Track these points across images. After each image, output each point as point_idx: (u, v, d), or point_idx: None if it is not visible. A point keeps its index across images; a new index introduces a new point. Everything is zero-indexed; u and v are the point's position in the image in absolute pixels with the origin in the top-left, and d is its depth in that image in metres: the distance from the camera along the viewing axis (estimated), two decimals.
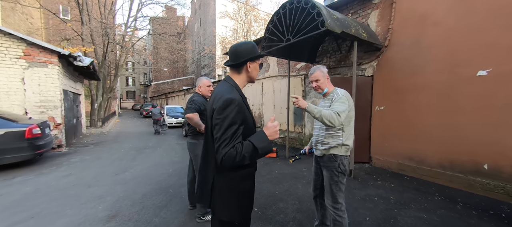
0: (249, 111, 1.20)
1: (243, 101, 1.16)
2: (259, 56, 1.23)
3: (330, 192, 1.80)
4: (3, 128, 3.97)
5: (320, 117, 1.59)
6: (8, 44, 5.16)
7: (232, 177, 1.14)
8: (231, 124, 1.06)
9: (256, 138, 1.08)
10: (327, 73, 1.87)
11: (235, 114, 1.07)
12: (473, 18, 3.18)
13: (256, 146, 1.04)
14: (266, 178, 3.88)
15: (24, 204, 2.86)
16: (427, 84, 3.67)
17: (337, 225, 1.78)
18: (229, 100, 1.07)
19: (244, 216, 1.21)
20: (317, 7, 3.22)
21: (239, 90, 1.20)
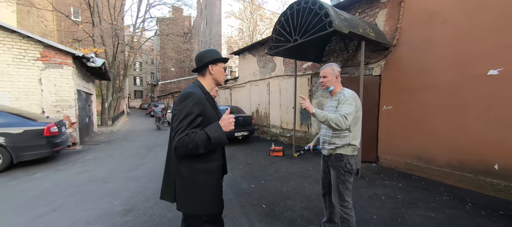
0: (213, 109, 1.28)
1: (206, 99, 1.23)
2: (219, 60, 1.30)
3: (337, 191, 1.84)
4: (23, 126, 4.18)
5: (326, 121, 1.64)
6: (27, 47, 5.42)
7: (193, 170, 1.18)
8: (187, 113, 1.12)
9: (211, 128, 1.13)
10: (339, 72, 1.90)
11: (192, 105, 1.14)
12: (483, 17, 3.14)
13: (210, 135, 1.09)
14: (273, 176, 3.95)
15: (46, 198, 3.04)
16: (436, 84, 3.64)
17: (344, 223, 1.82)
18: (187, 93, 1.15)
19: (208, 210, 1.23)
20: (324, 8, 3.25)
21: (203, 90, 1.28)
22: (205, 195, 1.21)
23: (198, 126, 1.15)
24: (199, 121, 1.16)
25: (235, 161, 4.95)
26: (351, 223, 1.80)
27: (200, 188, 1.19)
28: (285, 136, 7.33)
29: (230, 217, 2.52)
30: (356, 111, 1.77)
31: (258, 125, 8.72)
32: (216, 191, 1.27)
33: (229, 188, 3.39)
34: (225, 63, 1.36)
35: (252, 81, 9.09)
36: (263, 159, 5.13)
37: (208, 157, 1.21)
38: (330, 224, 2.13)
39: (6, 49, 5.21)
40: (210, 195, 1.23)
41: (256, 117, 8.84)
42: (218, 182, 1.29)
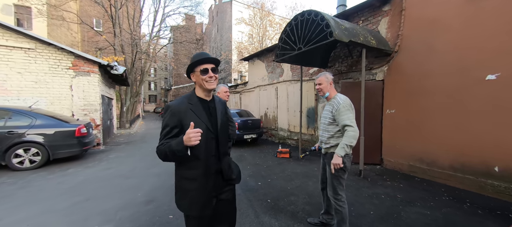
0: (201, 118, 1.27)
1: (189, 109, 1.26)
2: (199, 62, 1.27)
3: (332, 185, 2.09)
4: (59, 128, 4.76)
5: (349, 147, 1.90)
6: (61, 57, 6.12)
7: (177, 174, 1.32)
8: (164, 126, 1.25)
9: (175, 141, 1.17)
10: (332, 80, 2.18)
11: (168, 118, 1.24)
12: (481, 24, 3.27)
13: (173, 148, 1.15)
14: (279, 175, 4.21)
15: (79, 189, 3.50)
16: (437, 88, 3.77)
17: (338, 213, 2.07)
18: (166, 106, 1.30)
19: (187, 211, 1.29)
20: (326, 19, 3.53)
21: (191, 100, 1.30)
22: (185, 198, 1.28)
23: (174, 135, 1.23)
24: (175, 131, 1.23)
25: (244, 162, 5.26)
26: (344, 214, 2.04)
27: (181, 191, 1.30)
28: (293, 138, 7.54)
29: (238, 210, 2.81)
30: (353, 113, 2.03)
31: (266, 128, 9.00)
32: (196, 195, 1.27)
33: (238, 185, 3.69)
34: (202, 65, 1.27)
35: (261, 86, 9.43)
36: (270, 160, 5.40)
37: (189, 166, 1.27)
38: (327, 216, 2.38)
39: (44, 60, 5.93)
40: (189, 199, 1.27)
41: (264, 120, 9.14)
42: (199, 188, 1.27)
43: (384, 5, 4.54)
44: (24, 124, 4.41)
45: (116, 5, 11.90)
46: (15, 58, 5.63)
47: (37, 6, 10.62)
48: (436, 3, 3.78)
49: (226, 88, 3.01)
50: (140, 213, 2.71)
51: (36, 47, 5.82)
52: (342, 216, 2.05)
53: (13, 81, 5.63)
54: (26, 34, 5.69)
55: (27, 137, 4.37)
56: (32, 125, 4.47)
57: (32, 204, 2.94)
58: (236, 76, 26.35)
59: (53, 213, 2.70)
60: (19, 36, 5.64)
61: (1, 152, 4.16)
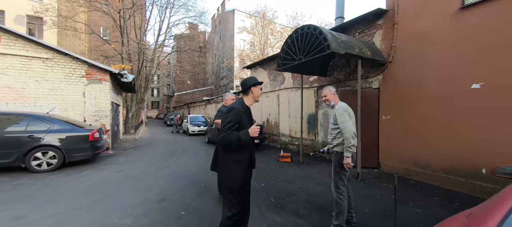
0: (247, 119, 1.85)
1: (243, 112, 1.81)
2: (257, 83, 1.93)
3: (334, 180, 2.43)
4: (74, 132, 5.07)
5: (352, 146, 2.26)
6: (75, 66, 6.51)
7: (226, 158, 1.79)
8: (229, 121, 1.75)
9: (242, 132, 1.72)
10: (335, 91, 2.57)
11: (233, 116, 1.76)
12: (466, 38, 3.58)
13: (240, 136, 1.69)
14: (281, 178, 4.45)
15: (96, 189, 3.77)
16: (428, 96, 4.05)
17: (337, 205, 2.36)
18: (231, 108, 1.81)
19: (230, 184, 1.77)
20: (323, 33, 3.86)
21: (243, 105, 1.89)
22: (231, 175, 1.79)
23: (235, 129, 1.74)
24: (236, 126, 1.76)
25: None
26: (342, 207, 2.31)
27: (229, 170, 1.80)
28: (294, 144, 7.79)
29: None
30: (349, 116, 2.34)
31: (268, 133, 9.26)
32: (239, 174, 1.79)
33: None
34: (261, 85, 2.00)
35: (263, 93, 9.76)
36: (272, 164, 5.64)
37: (238, 153, 1.79)
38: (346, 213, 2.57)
39: (60, 69, 6.32)
40: (234, 176, 1.78)
41: (267, 126, 9.41)
42: (243, 170, 1.81)
43: (378, 19, 4.89)
44: (43, 129, 4.73)
45: (125, 16, 12.45)
46: (34, 67, 6.02)
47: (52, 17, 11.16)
48: (425, 18, 4.12)
49: (233, 96, 3.33)
50: (154, 210, 2.97)
51: (53, 57, 6.22)
52: (341, 209, 2.32)
53: (31, 89, 6.00)
54: (45, 45, 6.11)
55: (46, 141, 4.67)
56: (50, 130, 4.78)
57: (54, 203, 3.20)
58: (238, 83, 26.83)
59: (75, 210, 2.96)
60: (39, 47, 6.05)
61: (22, 155, 4.46)
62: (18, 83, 5.85)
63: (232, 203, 1.79)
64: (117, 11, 12.03)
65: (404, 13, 4.45)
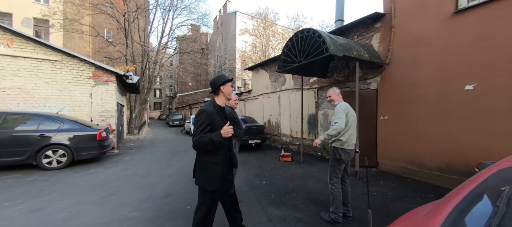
0: (222, 119, 1.85)
1: (215, 113, 1.80)
2: (226, 81, 1.89)
3: (329, 172, 2.67)
4: (82, 131, 5.27)
5: (330, 137, 2.46)
6: (83, 68, 6.74)
7: (202, 160, 1.79)
8: (200, 124, 1.74)
9: (214, 134, 1.71)
10: (339, 92, 2.77)
11: (204, 119, 1.74)
12: (459, 41, 3.72)
13: (213, 138, 1.68)
14: (281, 176, 4.61)
15: (104, 186, 3.95)
16: (424, 96, 4.19)
17: (331, 194, 2.59)
18: (201, 110, 1.78)
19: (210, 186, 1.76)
20: (322, 36, 4.03)
21: (214, 105, 1.86)
22: (209, 177, 1.78)
23: (208, 131, 1.73)
24: (209, 128, 1.75)
25: (249, 164, 5.66)
26: (335, 196, 2.51)
27: (206, 172, 1.79)
28: (295, 144, 7.93)
29: (245, 203, 3.22)
30: (346, 116, 2.51)
31: (269, 134, 9.42)
32: (217, 175, 1.78)
33: (245, 183, 4.11)
34: (231, 82, 1.95)
35: (264, 94, 9.93)
36: (273, 163, 5.80)
37: (214, 154, 1.78)
38: (344, 207, 2.70)
39: (68, 71, 6.55)
40: (212, 178, 1.78)
41: (268, 127, 9.56)
42: (221, 171, 1.80)
43: (376, 23, 5.04)
44: (53, 128, 4.93)
45: (129, 19, 12.72)
46: (44, 69, 6.25)
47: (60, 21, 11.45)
48: (420, 21, 4.27)
49: (236, 97, 3.49)
50: (161, 205, 3.14)
51: (62, 59, 6.45)
52: (334, 197, 2.57)
53: (41, 90, 6.22)
54: (54, 48, 6.34)
55: (56, 139, 4.87)
56: (60, 129, 4.99)
57: (67, 197, 3.39)
58: (240, 84, 27.03)
59: (87, 204, 3.14)
60: (48, 49, 6.28)
61: (34, 153, 4.67)
62: (29, 85, 6.09)
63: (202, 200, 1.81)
64: (122, 14, 12.28)
65: (401, 17, 4.60)
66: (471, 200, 0.93)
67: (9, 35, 5.87)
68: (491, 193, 0.92)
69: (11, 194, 3.47)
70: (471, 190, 1.00)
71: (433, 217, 0.92)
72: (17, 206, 3.02)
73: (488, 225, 0.77)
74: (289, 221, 2.67)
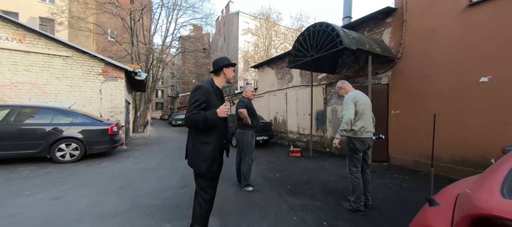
0: (218, 99, 1.75)
1: (213, 92, 1.71)
2: (230, 65, 1.81)
3: (347, 162, 2.66)
4: (95, 126, 5.31)
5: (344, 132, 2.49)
6: (93, 64, 6.79)
7: (195, 140, 1.70)
8: (195, 100, 1.63)
9: (209, 112, 1.61)
10: (346, 82, 2.81)
11: (200, 95, 1.64)
12: (473, 34, 3.74)
13: (207, 116, 1.58)
14: (293, 170, 4.62)
15: (119, 177, 3.97)
16: (437, 90, 4.19)
17: (351, 184, 2.58)
18: (197, 86, 1.69)
19: (202, 169, 1.66)
20: (336, 30, 4.05)
21: (212, 85, 1.77)
22: (201, 157, 1.68)
23: (203, 109, 1.62)
24: (204, 106, 1.63)
25: (259, 159, 5.67)
26: (355, 185, 2.51)
27: (199, 152, 1.68)
28: (302, 141, 7.94)
29: (262, 193, 3.23)
30: (355, 106, 2.51)
31: (276, 131, 9.43)
32: (210, 156, 1.68)
33: (258, 176, 4.12)
34: (234, 67, 1.87)
35: (270, 91, 9.95)
36: (283, 159, 5.81)
37: (206, 134, 1.68)
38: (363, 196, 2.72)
39: (79, 67, 6.60)
40: (205, 159, 1.67)
41: (274, 124, 9.58)
42: (213, 150, 1.69)
43: (387, 17, 5.06)
44: (66, 122, 4.97)
45: (135, 18, 12.81)
46: (55, 65, 6.30)
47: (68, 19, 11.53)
48: (433, 16, 4.28)
49: (252, 89, 3.55)
50: (179, 194, 3.16)
51: (73, 55, 6.50)
52: (354, 187, 2.56)
53: (52, 85, 6.27)
54: (65, 43, 6.40)
55: (69, 133, 4.91)
56: (73, 123, 5.03)
57: (84, 187, 3.41)
58: (242, 84, 27.07)
59: (106, 193, 3.17)
60: (59, 45, 6.34)
61: (47, 146, 4.70)
62: (40, 80, 6.14)
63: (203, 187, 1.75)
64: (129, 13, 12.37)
65: (413, 11, 4.62)
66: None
67: (21, 31, 5.93)
68: None
69: (29, 184, 3.50)
70: None
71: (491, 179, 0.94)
72: (38, 195, 3.05)
73: None
74: (309, 208, 2.68)
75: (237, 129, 3.51)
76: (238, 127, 3.49)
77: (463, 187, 1.10)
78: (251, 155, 3.36)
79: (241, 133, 3.42)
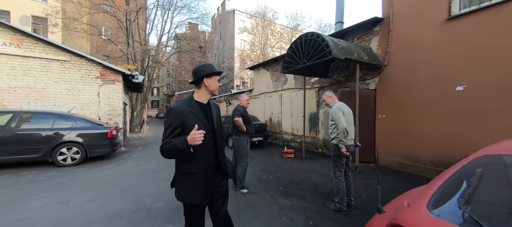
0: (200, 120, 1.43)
1: (189, 111, 1.41)
2: (212, 74, 1.46)
3: (332, 167, 2.95)
4: (94, 130, 5.47)
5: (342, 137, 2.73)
6: (91, 68, 6.90)
7: (178, 170, 1.46)
8: (168, 126, 1.38)
9: (179, 140, 1.31)
10: (332, 94, 3.07)
11: (172, 119, 1.38)
12: (451, 45, 4.05)
13: (177, 146, 1.29)
14: (287, 171, 4.91)
15: (121, 180, 4.18)
16: (419, 96, 4.52)
17: (336, 186, 2.87)
18: (169, 109, 1.42)
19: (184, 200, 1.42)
20: (326, 40, 4.31)
21: (189, 103, 1.45)
22: (183, 189, 1.43)
23: (177, 135, 1.36)
24: (178, 131, 1.37)
25: (254, 161, 5.94)
26: (339, 187, 2.80)
27: (183, 184, 1.44)
28: (296, 141, 8.25)
29: (257, 194, 3.50)
30: (343, 115, 2.80)
31: (271, 132, 9.71)
32: (196, 187, 1.42)
33: (253, 178, 4.39)
34: (218, 75, 1.50)
35: (266, 93, 10.20)
36: (277, 159, 6.10)
37: (189, 161, 1.40)
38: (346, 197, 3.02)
39: (76, 70, 6.70)
40: (187, 191, 1.42)
41: (269, 125, 9.85)
42: (199, 181, 1.42)
43: (375, 26, 5.35)
44: (67, 126, 5.13)
45: (130, 18, 12.80)
46: (53, 69, 6.39)
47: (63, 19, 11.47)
48: (417, 27, 4.58)
49: (248, 98, 3.78)
50: None
51: (70, 59, 6.60)
52: (338, 189, 2.86)
53: (50, 89, 6.38)
54: (63, 48, 6.48)
55: (70, 137, 5.07)
56: (73, 127, 5.18)
57: (88, 191, 3.62)
58: (239, 83, 27.22)
59: (110, 196, 3.39)
60: (57, 49, 6.42)
61: (49, 150, 4.86)
62: (38, 84, 6.23)
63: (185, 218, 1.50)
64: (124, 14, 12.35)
65: (398, 21, 4.91)
66: (452, 180, 1.23)
67: (19, 36, 6.00)
68: (467, 174, 1.22)
69: (34, 188, 3.68)
70: (453, 173, 1.30)
71: (426, 192, 1.22)
72: (45, 199, 3.24)
73: (463, 193, 1.07)
74: (298, 209, 2.97)
75: (233, 135, 3.76)
76: (234, 133, 3.74)
77: (408, 198, 1.37)
78: (246, 159, 3.62)
79: (236, 139, 3.67)
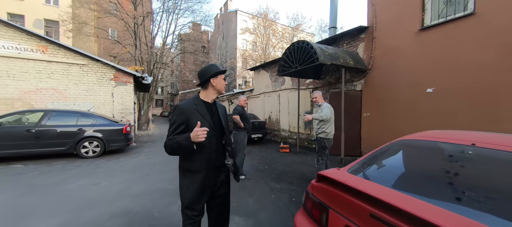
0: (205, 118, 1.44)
1: (194, 109, 1.43)
2: (218, 73, 1.50)
3: (316, 157, 3.63)
4: (111, 126, 6.19)
5: (318, 119, 3.41)
6: (105, 71, 7.63)
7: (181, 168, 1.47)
8: (173, 123, 1.40)
9: (182, 137, 1.33)
10: (322, 94, 3.69)
11: (177, 116, 1.40)
12: (424, 53, 4.63)
13: (180, 142, 1.31)
14: (281, 163, 5.56)
15: (137, 169, 4.89)
16: (398, 97, 5.11)
17: (317, 171, 3.45)
18: (175, 106, 1.44)
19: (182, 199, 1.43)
20: (314, 48, 4.92)
21: (195, 101, 1.48)
22: (187, 189, 1.43)
23: (182, 131, 1.38)
24: (182, 128, 1.38)
25: (253, 154, 6.61)
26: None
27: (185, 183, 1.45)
28: (293, 138, 8.88)
29: (252, 180, 4.16)
30: (330, 113, 3.45)
31: (270, 129, 10.36)
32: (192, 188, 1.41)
33: (250, 168, 5.04)
34: (224, 74, 1.54)
35: (265, 93, 10.84)
36: (274, 154, 6.75)
37: (190, 159, 1.41)
38: None
39: (93, 73, 7.44)
40: (185, 190, 1.43)
41: (268, 123, 10.50)
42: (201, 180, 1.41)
43: (361, 34, 5.93)
44: (89, 123, 5.86)
45: (138, 22, 13.54)
46: (73, 72, 7.14)
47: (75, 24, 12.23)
48: (396, 35, 5.16)
49: (245, 98, 4.44)
50: None
51: (88, 63, 7.34)
52: None
53: (71, 90, 7.13)
54: (82, 53, 7.22)
55: (91, 133, 5.80)
56: (94, 124, 5.91)
57: (112, 176, 4.33)
58: (241, 82, 27.88)
59: (131, 181, 4.09)
60: (77, 55, 7.16)
61: (74, 144, 5.60)
62: (61, 86, 6.99)
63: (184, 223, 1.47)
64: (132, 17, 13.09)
65: (381, 29, 5.49)
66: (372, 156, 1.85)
67: (44, 43, 6.75)
68: (383, 152, 1.84)
69: (67, 174, 4.41)
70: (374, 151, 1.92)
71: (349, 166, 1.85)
72: (79, 181, 3.96)
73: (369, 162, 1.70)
74: (285, 190, 3.63)
75: (233, 130, 4.42)
76: (233, 128, 4.40)
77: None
78: (243, 150, 4.28)
79: (235, 133, 4.34)
